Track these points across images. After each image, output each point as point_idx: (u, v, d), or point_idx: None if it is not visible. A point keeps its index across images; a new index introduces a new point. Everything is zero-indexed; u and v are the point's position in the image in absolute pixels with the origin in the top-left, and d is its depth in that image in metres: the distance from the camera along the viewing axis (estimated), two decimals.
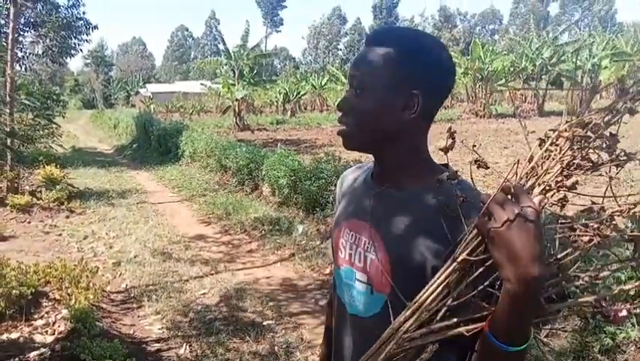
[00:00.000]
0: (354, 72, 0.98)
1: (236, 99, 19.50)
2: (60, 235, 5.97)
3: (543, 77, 24.28)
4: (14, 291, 3.54)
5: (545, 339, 3.14)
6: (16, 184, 7.42)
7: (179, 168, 10.48)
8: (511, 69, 23.77)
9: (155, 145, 13.18)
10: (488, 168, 0.97)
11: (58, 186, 7.35)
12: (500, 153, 10.71)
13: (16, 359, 3.04)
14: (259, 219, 6.20)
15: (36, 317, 3.58)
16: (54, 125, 7.80)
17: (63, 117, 4.29)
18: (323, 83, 30.22)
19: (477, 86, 24.08)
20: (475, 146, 1.00)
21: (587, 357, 2.89)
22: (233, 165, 8.35)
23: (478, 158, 0.97)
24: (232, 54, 19.82)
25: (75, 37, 10.42)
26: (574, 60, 23.84)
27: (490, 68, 22.55)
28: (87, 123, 28.76)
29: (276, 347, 3.27)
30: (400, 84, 0.94)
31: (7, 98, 2.52)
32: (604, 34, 29.54)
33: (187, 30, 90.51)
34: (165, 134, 12.46)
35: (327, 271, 4.67)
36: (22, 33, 9.32)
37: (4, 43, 6.83)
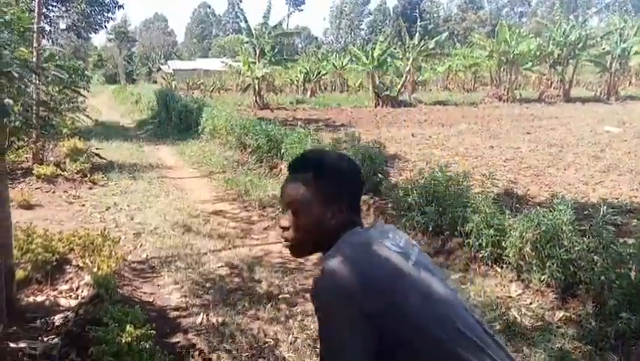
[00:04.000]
0: (286, 197, 1.23)
1: (257, 78, 19.50)
2: (83, 205, 6.12)
3: (570, 61, 23.62)
4: (40, 257, 3.68)
5: (559, 323, 3.15)
6: (41, 155, 7.60)
7: (199, 145, 10.58)
8: (538, 53, 23.17)
9: (175, 121, 13.31)
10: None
11: (81, 158, 7.50)
12: (522, 138, 10.54)
13: (43, 320, 3.17)
14: (277, 198, 6.25)
15: (60, 282, 3.71)
16: (80, 99, 7.91)
17: (88, 91, 4.36)
18: (344, 64, 29.93)
19: (502, 69, 23.59)
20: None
21: (602, 342, 2.89)
22: (252, 142, 8.40)
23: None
24: (253, 32, 19.75)
25: (100, 14, 10.51)
26: (603, 45, 23.14)
27: (516, 51, 22.02)
28: (110, 98, 29.12)
29: (290, 320, 3.34)
30: (324, 200, 1.19)
31: (37, 70, 2.58)
32: (636, 18, 28.50)
33: (209, 7, 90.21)
34: (186, 111, 12.56)
35: None
36: (49, 7, 9.43)
37: (32, 16, 6.93)
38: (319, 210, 1.19)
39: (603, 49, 23.60)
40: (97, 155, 3.43)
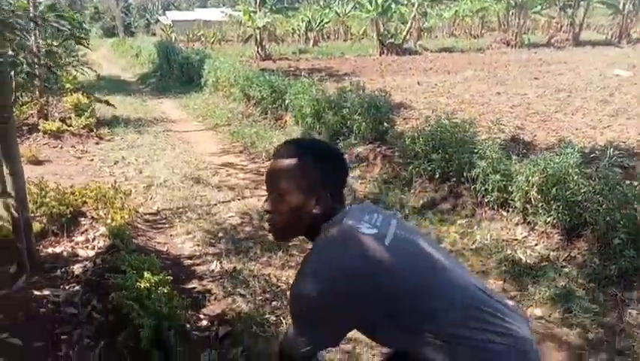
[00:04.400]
0: (272, 180, 1.25)
1: (258, 28, 19.00)
2: (92, 160, 6.17)
3: (581, 3, 22.80)
4: (54, 210, 3.77)
5: (564, 262, 3.23)
6: (45, 111, 7.59)
7: (203, 97, 10.49)
8: None
9: (177, 74, 13.13)
10: None
11: (86, 113, 7.49)
12: (530, 84, 10.35)
13: (62, 269, 3.28)
14: None
15: (76, 234, 3.81)
16: (81, 52, 7.81)
17: (87, 45, 4.26)
18: (347, 11, 29.06)
19: (510, 13, 22.84)
20: None
21: (605, 279, 2.98)
22: (256, 94, 8.32)
23: None
24: None
25: None
26: None
27: None
28: (109, 52, 28.60)
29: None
30: (308, 188, 1.22)
31: (32, 22, 2.50)
32: None
33: None
34: (187, 63, 12.37)
35: (350, 198, 4.77)
36: None
37: None
38: (303, 196, 1.22)
39: None
40: (106, 102, 3.40)
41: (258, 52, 19.17)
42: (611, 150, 3.48)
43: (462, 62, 15.89)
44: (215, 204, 4.67)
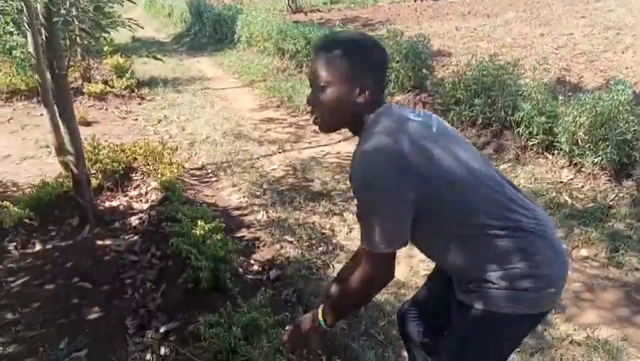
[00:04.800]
0: (315, 74, 1.27)
1: None
2: (136, 119, 6.37)
3: None
4: (108, 167, 3.97)
5: (612, 203, 3.19)
6: (88, 74, 7.81)
7: (237, 54, 10.48)
8: None
9: (210, 31, 13.10)
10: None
11: (127, 75, 7.66)
12: (577, 23, 9.78)
13: (120, 221, 3.50)
14: None
15: (129, 188, 4.02)
16: (118, 12, 7.91)
17: (122, 5, 4.33)
18: None
19: None
20: None
21: None
22: (291, 47, 8.25)
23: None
24: None
25: None
26: None
27: None
28: (141, 13, 28.67)
29: (345, 212, 3.53)
30: (352, 77, 1.24)
31: None
32: None
33: None
34: (220, 20, 12.29)
35: None
36: None
37: None
38: (346, 87, 1.25)
39: None
40: (155, 57, 3.45)
41: (288, 4, 18.77)
42: None
43: (502, 4, 15.09)
44: (258, 158, 4.79)
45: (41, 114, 6.68)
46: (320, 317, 1.38)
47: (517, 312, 1.22)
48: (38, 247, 3.16)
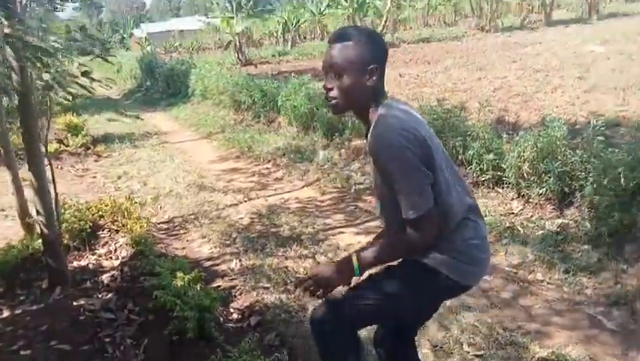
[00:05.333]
0: (329, 64, 1.51)
1: (236, 33, 19.15)
2: (94, 177, 6.32)
3: None
4: (74, 225, 3.93)
5: (558, 229, 3.49)
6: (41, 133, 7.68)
7: (192, 107, 10.64)
8: None
9: (162, 86, 13.25)
10: None
11: (82, 132, 7.61)
12: (509, 67, 10.68)
13: (92, 280, 3.46)
14: (281, 149, 6.48)
15: (97, 246, 3.99)
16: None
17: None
18: (322, 10, 29.25)
19: None
20: None
21: (597, 240, 3.24)
22: (247, 99, 8.51)
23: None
24: None
25: None
26: None
27: None
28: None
29: (317, 255, 3.66)
30: (363, 65, 1.48)
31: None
32: None
33: None
34: (173, 75, 12.49)
35: (352, 190, 5.00)
36: None
37: None
38: (359, 72, 1.48)
39: None
40: (137, 117, 3.44)
41: (238, 57, 19.30)
42: (594, 120, 3.75)
43: (440, 52, 16.20)
44: (224, 208, 4.87)
45: None
46: (355, 264, 1.53)
47: (450, 276, 1.55)
48: (7, 313, 3.08)
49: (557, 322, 2.74)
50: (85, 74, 2.56)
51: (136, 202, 4.41)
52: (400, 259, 1.61)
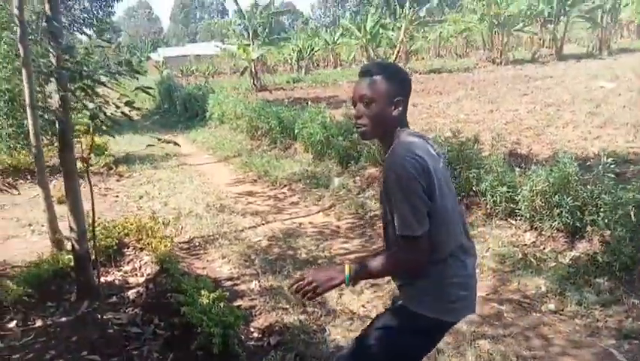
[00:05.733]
0: (360, 94, 1.68)
1: (252, 60, 19.65)
2: (117, 196, 6.51)
3: (561, 19, 23.73)
4: (102, 242, 4.09)
5: (570, 262, 3.59)
6: None
7: (209, 131, 10.91)
8: (528, 12, 23.28)
9: (180, 109, 13.59)
10: None
11: (106, 153, 7.86)
12: (520, 100, 10.87)
13: (118, 296, 3.60)
14: (297, 175, 6.65)
15: (123, 263, 4.14)
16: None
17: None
18: (336, 39, 29.91)
19: (493, 32, 23.71)
20: None
21: (609, 274, 3.33)
22: (264, 125, 8.74)
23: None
24: (245, 14, 19.82)
25: (101, 9, 10.68)
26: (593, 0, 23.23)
27: (507, 12, 22.11)
28: (108, 91, 29.12)
29: None
30: (390, 96, 1.66)
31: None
32: None
33: None
34: (191, 99, 12.84)
35: (367, 216, 5.14)
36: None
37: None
38: (385, 103, 1.65)
39: (593, 3, 23.70)
40: (174, 143, 3.63)
41: (254, 83, 19.76)
42: (604, 157, 3.88)
43: (452, 82, 16.49)
44: (242, 230, 5.01)
45: (19, 193, 6.74)
46: (347, 273, 1.64)
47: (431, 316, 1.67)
48: (39, 323, 3.22)
49: (570, 352, 2.83)
50: (128, 103, 2.75)
51: (159, 222, 4.56)
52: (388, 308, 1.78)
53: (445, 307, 1.68)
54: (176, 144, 2.91)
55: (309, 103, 8.42)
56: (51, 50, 3.20)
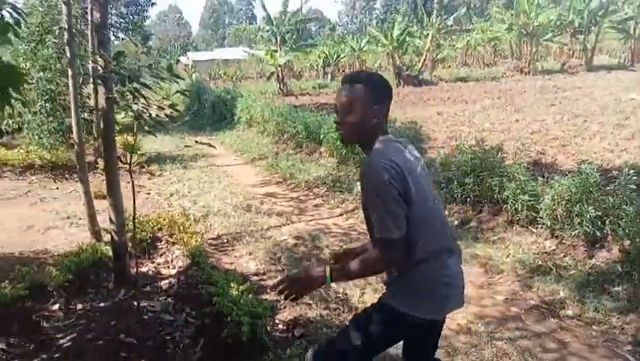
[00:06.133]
0: (342, 102, 1.75)
1: (279, 65, 19.96)
2: (149, 193, 6.79)
3: (592, 29, 23.38)
4: (137, 235, 4.32)
5: (590, 270, 3.65)
6: (100, 150, 8.30)
7: (237, 134, 11.18)
8: (558, 23, 23.02)
9: (209, 112, 13.94)
10: None
11: (139, 151, 8.16)
12: (547, 110, 10.79)
13: (152, 285, 3.82)
14: (321, 178, 6.82)
15: (156, 256, 4.37)
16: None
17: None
18: (362, 46, 30.07)
19: (522, 41, 23.52)
20: None
21: (628, 283, 3.38)
22: (290, 129, 8.94)
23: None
24: (273, 20, 20.18)
25: (136, 13, 11.10)
26: (625, 10, 22.84)
27: (536, 22, 21.91)
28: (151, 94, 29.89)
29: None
30: (370, 104, 1.73)
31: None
32: None
33: None
34: (219, 102, 13.16)
35: None
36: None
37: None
38: (365, 110, 1.72)
39: (625, 14, 23.30)
40: (209, 144, 3.81)
41: (280, 88, 20.06)
42: (627, 169, 3.92)
43: (478, 91, 16.42)
44: (268, 229, 5.19)
45: (57, 187, 7.08)
46: (327, 274, 1.73)
47: (412, 313, 1.74)
48: (80, 306, 3.45)
49: (586, 356, 2.90)
50: (171, 106, 2.97)
51: (190, 218, 4.78)
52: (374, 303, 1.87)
53: (426, 306, 1.74)
54: (212, 146, 3.08)
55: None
56: (99, 55, 3.44)
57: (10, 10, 2.54)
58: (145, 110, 2.96)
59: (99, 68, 3.36)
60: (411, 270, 1.74)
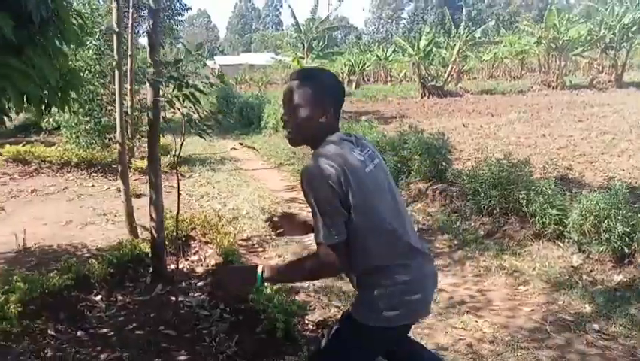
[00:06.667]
0: (288, 99, 1.66)
1: None
2: (179, 194, 6.99)
3: (624, 45, 23.07)
4: (172, 234, 4.51)
5: (617, 285, 3.68)
6: (133, 151, 8.59)
7: (264, 138, 11.39)
8: (588, 37, 22.77)
9: (236, 116, 14.21)
10: None
11: (171, 153, 8.42)
12: (574, 126, 10.75)
13: (187, 282, 3.99)
14: None
15: (190, 254, 4.55)
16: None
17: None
18: (388, 55, 30.20)
19: (550, 55, 23.33)
20: None
21: None
22: None
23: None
24: (301, 27, 20.49)
25: (171, 18, 11.43)
26: None
27: (566, 37, 21.72)
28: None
29: None
30: (317, 103, 1.64)
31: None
32: None
33: (250, 1, 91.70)
34: (247, 107, 13.41)
35: (416, 229, 5.35)
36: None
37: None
38: (312, 109, 1.63)
39: None
40: (252, 147, 3.94)
41: None
42: None
43: (504, 104, 16.38)
44: None
45: (92, 185, 7.37)
46: (259, 272, 1.67)
47: (377, 325, 1.66)
48: (120, 298, 3.64)
49: None
50: (220, 111, 3.13)
51: (223, 219, 4.95)
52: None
53: (387, 315, 1.63)
54: (254, 148, 3.22)
55: (364, 118, 8.70)
56: (149, 60, 3.65)
57: (76, 16, 2.74)
58: (195, 112, 3.13)
59: (151, 71, 3.55)
60: (367, 278, 1.66)
